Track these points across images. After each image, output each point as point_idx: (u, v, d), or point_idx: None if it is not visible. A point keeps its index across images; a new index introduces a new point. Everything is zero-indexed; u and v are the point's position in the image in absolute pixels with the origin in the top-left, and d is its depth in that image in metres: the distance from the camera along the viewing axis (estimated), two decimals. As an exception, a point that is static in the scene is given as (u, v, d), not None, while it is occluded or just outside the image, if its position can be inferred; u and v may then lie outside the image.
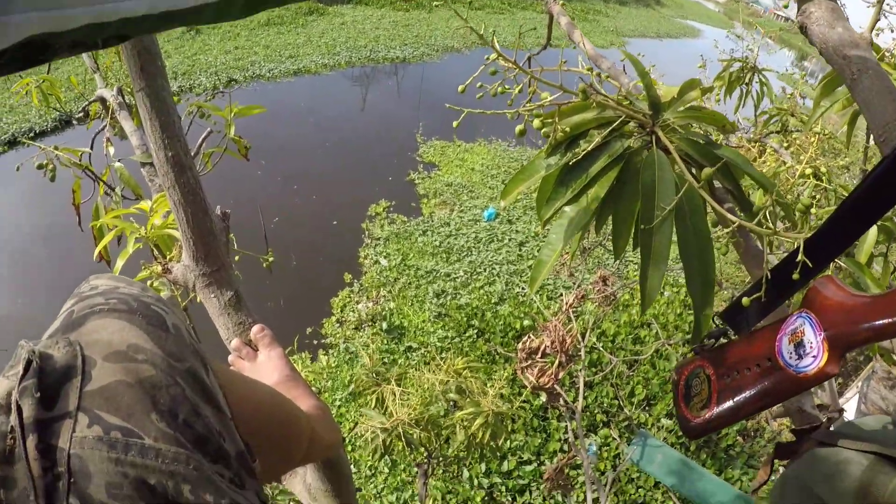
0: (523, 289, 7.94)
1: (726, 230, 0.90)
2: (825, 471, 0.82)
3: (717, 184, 1.14)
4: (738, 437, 6.28)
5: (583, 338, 4.41)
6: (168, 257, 1.62)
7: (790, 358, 0.86)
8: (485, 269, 8.39)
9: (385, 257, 8.54)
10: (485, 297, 7.73)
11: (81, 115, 3.22)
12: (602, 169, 1.01)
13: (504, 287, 7.98)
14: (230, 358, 1.23)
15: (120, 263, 1.87)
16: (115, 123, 2.68)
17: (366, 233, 9.21)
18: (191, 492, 0.45)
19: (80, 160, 2.59)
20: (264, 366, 1.18)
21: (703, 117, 1.09)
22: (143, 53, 1.14)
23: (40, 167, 2.57)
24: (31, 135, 11.71)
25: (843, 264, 1.92)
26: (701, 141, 1.06)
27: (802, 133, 2.92)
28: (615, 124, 1.01)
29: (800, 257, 0.80)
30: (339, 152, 11.78)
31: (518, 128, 1.02)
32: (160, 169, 1.18)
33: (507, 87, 1.03)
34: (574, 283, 7.49)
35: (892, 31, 2.04)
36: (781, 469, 0.97)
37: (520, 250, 8.83)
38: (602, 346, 6.29)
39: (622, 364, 6.34)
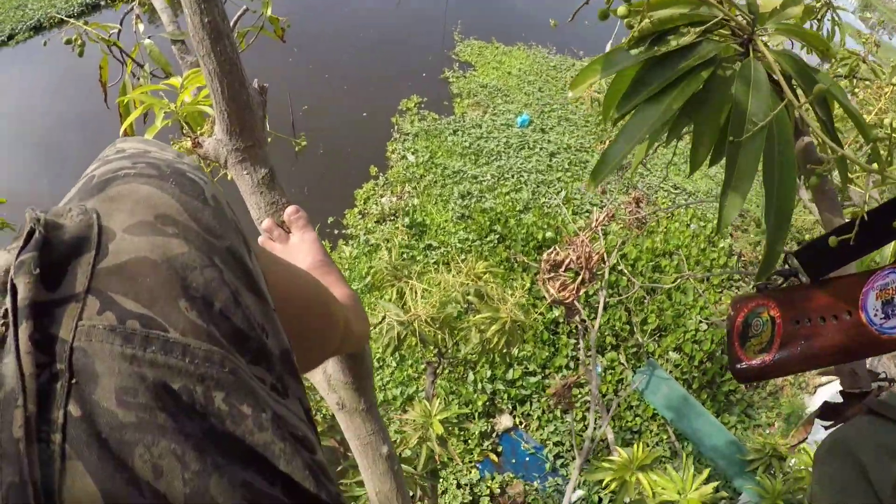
0: (549, 199, 7.82)
1: (822, 166, 0.80)
2: (876, 442, 0.75)
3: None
4: (741, 385, 6.28)
5: (610, 257, 4.35)
6: (199, 132, 1.54)
7: (875, 315, 0.78)
8: (512, 176, 8.26)
9: (413, 153, 8.43)
10: (510, 204, 7.64)
11: None
12: (689, 70, 0.90)
13: (530, 196, 7.88)
14: (260, 239, 1.15)
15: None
16: (144, 1, 2.57)
17: (395, 127, 9.07)
18: (224, 400, 0.35)
19: (108, 37, 2.49)
20: (297, 249, 1.10)
21: (805, 36, 0.98)
22: None
23: (68, 42, 2.49)
24: (57, 20, 11.51)
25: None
26: (798, 59, 0.95)
27: (873, 83, 2.74)
28: (710, 24, 0.90)
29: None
30: (374, 45, 11.47)
31: (601, 10, 0.91)
32: (195, 36, 1.08)
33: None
34: (603, 202, 7.37)
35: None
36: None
37: (550, 161, 8.66)
38: (621, 269, 6.22)
39: (640, 290, 6.29)
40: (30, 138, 8.58)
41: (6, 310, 0.33)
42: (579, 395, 5.76)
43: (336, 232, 7.11)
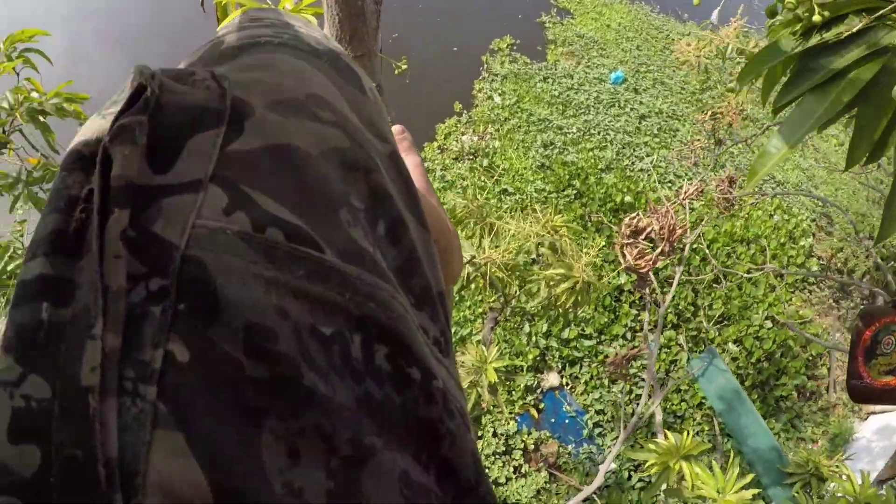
0: (633, 163, 7.61)
1: None
2: None
3: None
4: (793, 392, 6.09)
5: (691, 234, 4.20)
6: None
7: None
8: (599, 132, 8.04)
9: (500, 95, 8.25)
10: (592, 161, 7.45)
11: None
12: (858, 59, 0.79)
13: (614, 156, 7.67)
14: None
15: None
16: None
17: (485, 66, 8.87)
18: (387, 357, 0.25)
19: None
20: None
21: None
22: None
23: None
24: None
25: None
26: None
27: None
28: (886, 10, 0.78)
29: None
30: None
31: (768, 7, 0.83)
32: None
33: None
34: (690, 175, 7.12)
35: None
36: None
37: (639, 123, 8.39)
38: (701, 248, 6.01)
39: (713, 273, 6.09)
40: (119, 39, 8.63)
41: (89, 190, 0.22)
42: (632, 368, 5.65)
43: (413, 164, 7.08)
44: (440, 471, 0.26)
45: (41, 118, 2.55)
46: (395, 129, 1.02)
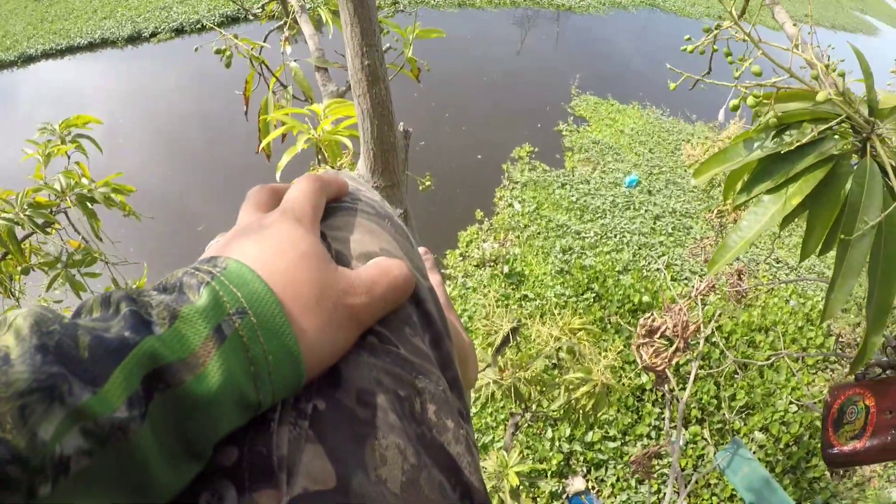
0: (649, 262, 7.74)
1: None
2: None
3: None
4: (825, 472, 5.99)
5: (707, 328, 4.27)
6: (339, 163, 1.66)
7: None
8: (615, 235, 8.23)
9: (520, 202, 8.50)
10: (609, 263, 7.60)
11: (259, 11, 3.30)
12: (809, 166, 0.96)
13: (631, 257, 7.81)
14: None
15: (285, 160, 1.88)
16: (293, 25, 2.73)
17: (505, 174, 9.18)
18: (435, 413, 0.43)
19: (256, 52, 2.67)
20: None
21: (927, 134, 1.01)
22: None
23: (218, 52, 2.64)
24: (199, 27, 12.50)
25: None
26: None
27: None
28: (833, 123, 0.95)
29: None
30: (494, 90, 11.77)
31: (733, 102, 0.98)
32: (353, 76, 1.19)
33: (733, 59, 0.99)
34: (703, 271, 7.23)
35: None
36: None
37: (654, 223, 8.58)
38: (718, 341, 6.06)
39: (732, 365, 6.12)
40: (161, 133, 9.05)
41: None
42: (657, 467, 5.62)
43: (437, 270, 7.23)
44: (463, 490, 0.43)
45: (89, 204, 2.63)
46: (421, 250, 1.22)
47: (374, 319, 0.42)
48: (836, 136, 1.00)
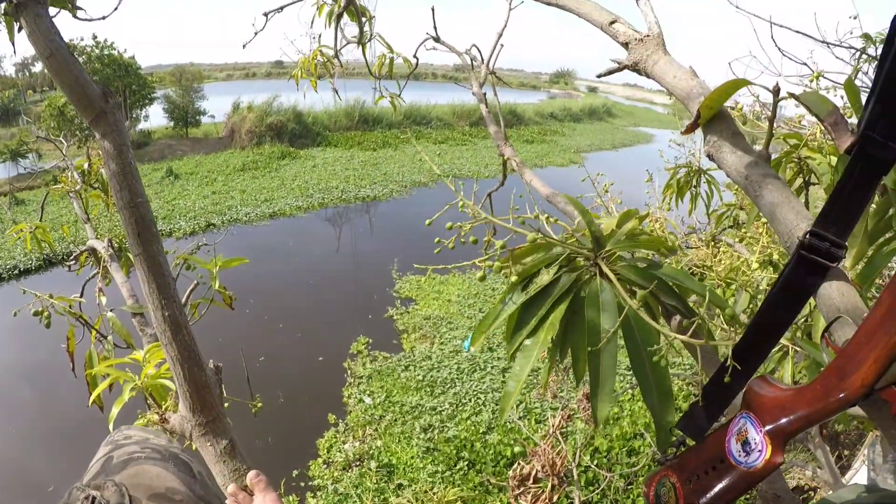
0: (510, 415, 7.88)
1: (660, 345, 1.01)
2: None
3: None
4: None
5: (574, 457, 4.40)
6: (164, 406, 1.69)
7: (739, 456, 0.94)
8: (470, 400, 8.38)
9: (369, 395, 8.51)
10: (472, 428, 7.69)
11: (73, 262, 3.33)
12: (554, 302, 1.11)
13: (491, 416, 7.95)
14: (227, 503, 1.29)
15: (115, 410, 1.90)
16: (105, 273, 2.78)
17: (348, 372, 9.20)
18: None
19: (71, 308, 2.67)
20: None
21: (641, 244, 1.22)
22: (139, 221, 1.25)
23: (36, 314, 2.63)
24: (17, 272, 12.07)
25: (799, 347, 2.01)
26: (641, 265, 1.18)
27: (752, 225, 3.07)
28: (560, 260, 1.13)
29: (728, 362, 0.90)
30: (320, 291, 12.02)
31: (479, 274, 1.13)
32: (158, 327, 1.28)
33: (475, 238, 1.15)
34: (559, 404, 7.48)
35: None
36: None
37: (503, 377, 8.83)
38: (596, 463, 6.20)
39: (619, 478, 6.24)
40: None
41: None
42: None
43: (303, 485, 6.98)
44: None
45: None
46: (251, 474, 1.30)
47: None
48: (574, 269, 1.16)
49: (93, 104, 1.21)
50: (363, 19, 3.23)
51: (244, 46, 3.30)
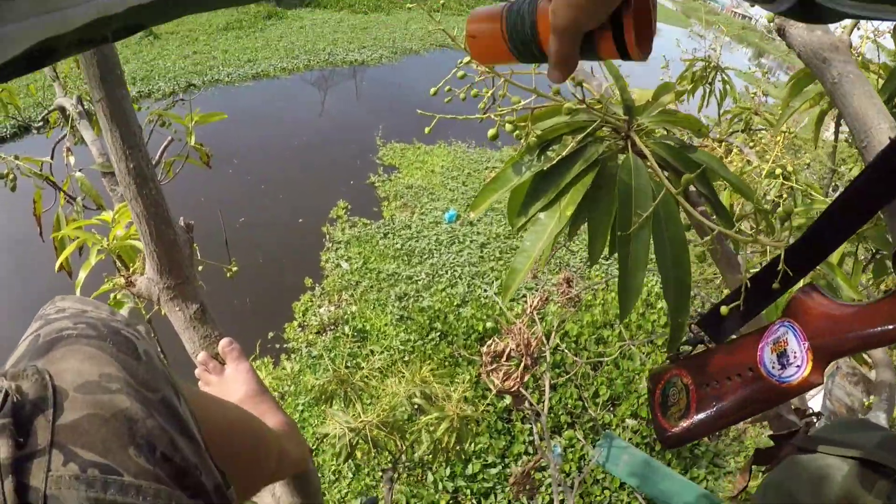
0: (485, 290, 7.92)
1: (705, 238, 0.89)
2: (807, 477, 0.80)
3: (691, 188, 1.12)
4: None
5: (547, 340, 4.40)
6: (132, 269, 1.58)
7: (773, 367, 0.85)
8: (447, 272, 8.36)
9: (346, 261, 8.47)
10: (447, 300, 7.71)
11: (41, 124, 3.15)
12: (577, 175, 0.99)
13: (466, 289, 7.97)
14: (197, 371, 1.19)
15: (82, 275, 1.83)
16: (74, 132, 2.62)
17: (327, 236, 9.13)
18: None
19: (40, 170, 2.53)
20: (232, 380, 1.15)
21: (678, 121, 1.08)
22: (101, 62, 1.09)
23: (1, 177, 2.50)
24: None
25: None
26: (675, 145, 1.05)
27: (767, 132, 2.94)
28: (590, 129, 0.99)
29: (780, 266, 0.79)
30: (303, 155, 11.76)
31: (490, 132, 1.00)
32: (122, 181, 1.14)
33: (477, 90, 1.00)
34: (536, 285, 7.50)
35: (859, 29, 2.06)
36: (760, 475, 0.96)
37: (481, 252, 8.82)
38: (566, 348, 6.27)
39: (586, 365, 6.35)
40: None
41: None
42: (543, 479, 5.70)
43: (277, 346, 7.02)
44: None
45: None
46: (223, 342, 1.19)
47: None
48: (598, 141, 1.03)
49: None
50: None
51: None
